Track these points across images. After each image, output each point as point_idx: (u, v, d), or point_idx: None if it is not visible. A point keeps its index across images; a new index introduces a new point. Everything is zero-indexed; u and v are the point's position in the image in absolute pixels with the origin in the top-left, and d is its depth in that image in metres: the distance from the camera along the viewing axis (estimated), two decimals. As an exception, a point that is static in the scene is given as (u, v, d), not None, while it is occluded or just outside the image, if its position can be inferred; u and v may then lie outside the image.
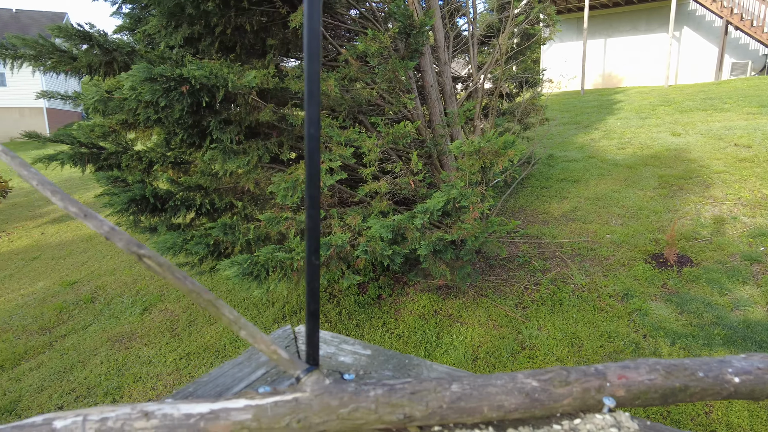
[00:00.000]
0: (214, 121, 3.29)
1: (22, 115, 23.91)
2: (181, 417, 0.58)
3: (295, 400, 0.61)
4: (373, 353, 0.87)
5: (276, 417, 0.60)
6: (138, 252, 0.58)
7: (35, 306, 6.18)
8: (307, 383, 0.63)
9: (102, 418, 0.56)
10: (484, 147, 3.58)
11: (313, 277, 0.65)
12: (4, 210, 11.27)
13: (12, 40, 3.39)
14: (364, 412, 0.61)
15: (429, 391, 0.63)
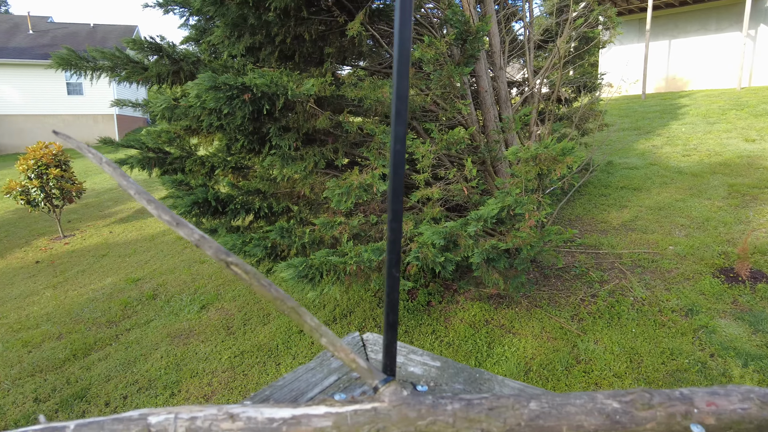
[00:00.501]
0: (274, 128, 3.40)
1: (96, 122, 25.61)
2: (265, 421, 0.61)
3: (374, 409, 0.62)
4: (442, 365, 0.87)
5: (355, 425, 0.61)
6: (226, 260, 0.61)
7: (103, 300, 6.58)
8: (385, 393, 0.64)
9: (191, 417, 0.60)
10: (542, 153, 3.50)
11: (393, 288, 0.66)
12: (77, 210, 12.10)
13: (92, 53, 3.64)
14: (441, 426, 0.61)
15: (507, 408, 0.62)
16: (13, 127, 24.65)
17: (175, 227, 0.60)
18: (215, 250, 0.60)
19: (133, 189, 0.60)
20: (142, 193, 0.60)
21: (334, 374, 0.85)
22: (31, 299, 6.99)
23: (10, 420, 4.31)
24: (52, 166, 9.23)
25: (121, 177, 0.59)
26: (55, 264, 8.44)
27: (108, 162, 0.61)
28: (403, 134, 0.58)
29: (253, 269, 0.65)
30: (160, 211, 0.59)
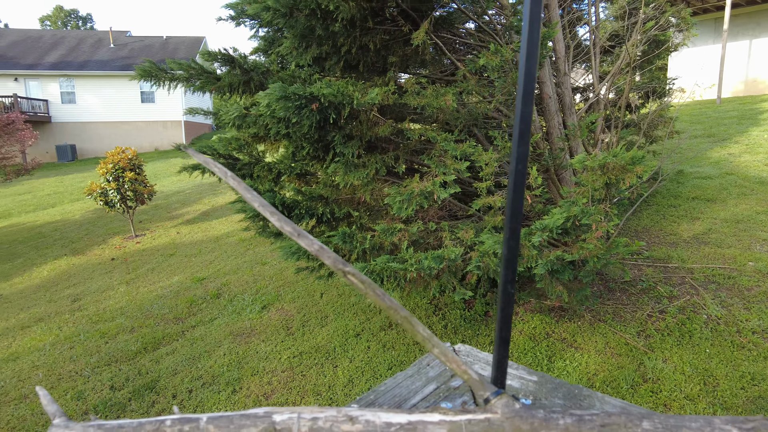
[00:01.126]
0: (338, 136, 3.48)
1: (165, 128, 27.18)
2: (383, 425, 0.64)
3: (487, 420, 0.64)
4: (539, 380, 0.87)
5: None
6: (343, 269, 0.64)
7: (171, 297, 6.95)
8: (497, 405, 0.66)
9: (313, 418, 0.64)
10: (610, 162, 3.38)
11: (507, 304, 0.67)
12: (148, 211, 12.86)
13: (170, 65, 3.88)
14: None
15: (620, 426, 0.62)
16: (93, 133, 26.60)
17: (296, 238, 0.64)
18: (333, 259, 0.64)
19: (257, 202, 0.65)
20: (265, 205, 0.64)
21: (433, 383, 0.87)
22: (107, 293, 7.50)
23: (90, 404, 4.63)
24: (128, 169, 9.88)
25: (245, 191, 0.64)
26: (128, 261, 9.01)
27: (233, 176, 0.66)
28: (525, 155, 0.59)
29: (368, 279, 0.68)
30: (283, 223, 0.63)
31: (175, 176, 17.16)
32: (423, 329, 0.70)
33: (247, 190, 0.63)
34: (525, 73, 0.55)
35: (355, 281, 0.66)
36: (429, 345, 0.71)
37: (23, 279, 8.93)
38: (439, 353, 0.71)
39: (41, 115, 25.63)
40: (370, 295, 0.68)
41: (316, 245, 0.64)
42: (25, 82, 26.23)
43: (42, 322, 6.74)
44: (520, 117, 0.57)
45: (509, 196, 0.62)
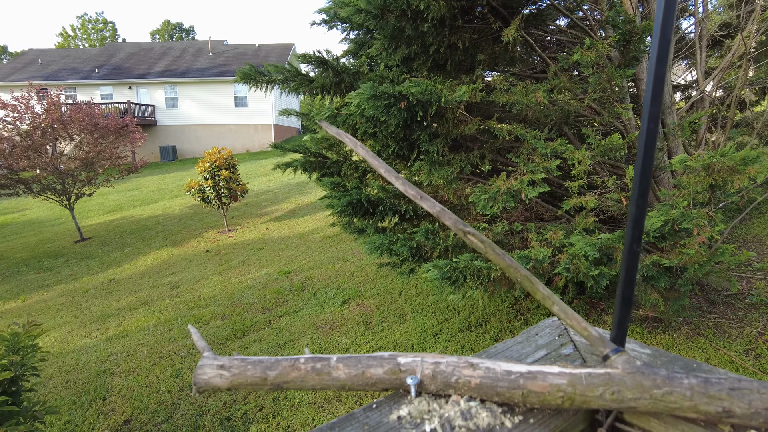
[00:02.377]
0: (424, 134, 3.52)
1: (257, 130, 28.81)
2: (503, 372, 0.67)
3: (608, 374, 0.65)
4: (652, 353, 0.86)
5: (590, 386, 0.65)
6: (464, 230, 0.68)
7: (259, 288, 7.36)
8: (618, 362, 0.67)
9: (435, 362, 0.69)
10: (717, 162, 3.12)
11: (632, 265, 0.68)
12: (240, 208, 13.70)
13: (268, 68, 4.13)
14: (678, 397, 0.62)
15: (752, 391, 0.60)
16: (192, 135, 28.80)
17: (419, 201, 0.69)
18: (454, 221, 0.67)
19: (383, 168, 0.71)
20: (390, 171, 0.69)
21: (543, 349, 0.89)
22: (201, 283, 8.10)
23: (186, 382, 5.03)
24: (223, 168, 10.59)
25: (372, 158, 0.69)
26: (221, 254, 9.66)
27: (362, 146, 0.72)
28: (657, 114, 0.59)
29: (488, 240, 0.71)
30: (407, 187, 0.68)
31: (264, 176, 18.13)
32: (543, 288, 0.72)
33: (374, 157, 0.68)
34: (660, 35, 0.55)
35: (475, 240, 0.69)
36: (549, 302, 0.73)
37: (131, 266, 9.88)
38: (558, 310, 0.73)
39: (149, 119, 28.21)
40: (489, 254, 0.71)
41: (437, 207, 0.68)
42: (137, 90, 29.03)
43: (146, 305, 7.41)
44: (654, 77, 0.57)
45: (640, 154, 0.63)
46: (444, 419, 0.66)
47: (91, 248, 11.77)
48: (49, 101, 12.44)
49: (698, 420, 0.64)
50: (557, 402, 0.66)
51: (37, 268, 10.65)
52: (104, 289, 8.61)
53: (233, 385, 0.75)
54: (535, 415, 0.68)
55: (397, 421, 0.67)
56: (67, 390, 5.25)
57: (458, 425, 0.65)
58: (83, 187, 12.56)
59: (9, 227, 15.82)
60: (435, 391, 0.72)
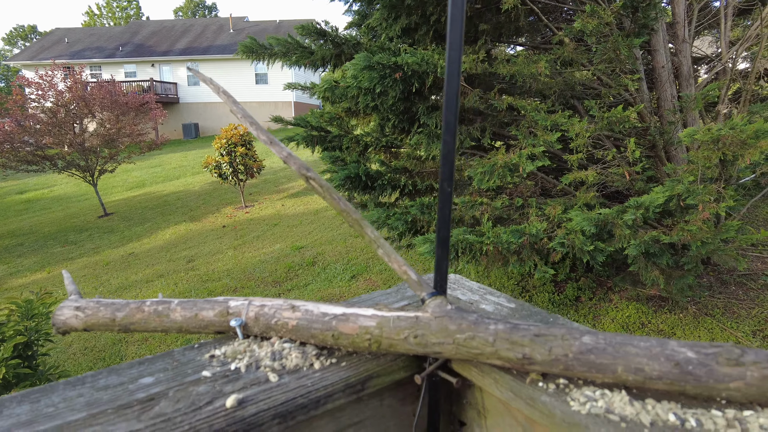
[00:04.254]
0: (422, 107, 3.46)
1: (277, 108, 28.87)
2: (319, 314, 0.68)
3: (416, 317, 0.65)
4: (517, 307, 0.85)
5: (396, 329, 0.65)
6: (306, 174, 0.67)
7: (272, 263, 7.46)
8: (430, 305, 0.66)
9: (261, 305, 0.70)
10: (726, 135, 2.99)
11: (445, 204, 0.66)
12: (257, 184, 13.83)
13: (270, 41, 4.10)
14: (480, 342, 0.60)
15: (556, 337, 0.58)
16: (213, 113, 29.04)
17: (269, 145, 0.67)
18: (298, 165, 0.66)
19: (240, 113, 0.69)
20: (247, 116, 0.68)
21: (406, 300, 0.90)
22: (216, 257, 8.25)
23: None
24: (239, 144, 10.67)
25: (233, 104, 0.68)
26: (237, 229, 9.80)
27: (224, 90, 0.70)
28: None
29: (327, 183, 0.70)
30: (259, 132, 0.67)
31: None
32: (372, 231, 0.71)
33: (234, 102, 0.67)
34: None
35: (315, 185, 0.68)
36: (374, 245, 0.73)
37: (150, 240, 10.13)
38: (383, 253, 0.72)
39: (171, 97, 28.52)
40: (327, 198, 0.70)
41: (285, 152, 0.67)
42: (159, 68, 29.30)
43: (162, 278, 7.61)
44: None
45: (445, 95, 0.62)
46: (253, 359, 0.67)
47: (113, 223, 12.10)
48: (72, 79, 12.67)
49: (511, 368, 0.62)
50: (365, 345, 0.66)
51: (62, 242, 11.02)
52: (123, 262, 8.86)
53: (87, 325, 0.77)
54: (351, 358, 0.68)
55: (208, 359, 0.68)
56: (85, 356, 5.46)
57: (265, 365, 0.66)
58: (105, 164, 12.84)
59: (38, 202, 16.35)
60: (259, 334, 0.73)
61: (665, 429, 0.51)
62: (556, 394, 0.58)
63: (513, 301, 0.88)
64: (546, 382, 0.60)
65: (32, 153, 11.86)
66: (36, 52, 30.08)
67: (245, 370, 0.65)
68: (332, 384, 0.63)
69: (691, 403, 0.55)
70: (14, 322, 3.70)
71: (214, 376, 0.64)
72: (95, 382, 0.63)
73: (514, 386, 0.61)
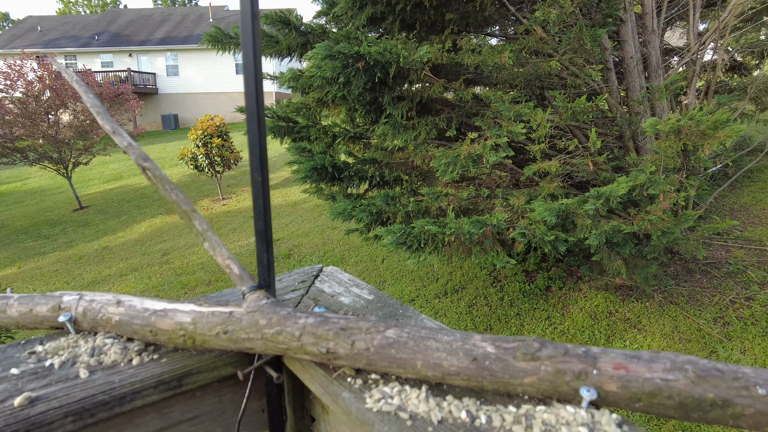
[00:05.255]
0: (388, 96, 3.42)
1: (257, 98, 28.52)
2: (141, 309, 0.67)
3: (230, 313, 0.63)
4: (374, 299, 0.85)
5: (209, 325, 0.63)
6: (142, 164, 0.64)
7: (247, 256, 7.39)
8: (247, 300, 0.65)
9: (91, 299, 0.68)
10: (686, 126, 3.01)
11: (258, 195, 0.66)
12: (235, 176, 13.67)
13: (234, 29, 4.01)
14: (287, 337, 0.59)
15: (360, 331, 0.57)
16: (193, 103, 28.59)
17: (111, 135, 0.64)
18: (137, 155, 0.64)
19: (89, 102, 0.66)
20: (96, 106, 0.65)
21: None
22: (191, 250, 8.15)
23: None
24: (215, 136, 10.51)
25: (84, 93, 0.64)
26: (213, 222, 9.69)
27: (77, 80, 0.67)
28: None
29: (162, 174, 0.68)
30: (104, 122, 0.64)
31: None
32: (200, 224, 0.71)
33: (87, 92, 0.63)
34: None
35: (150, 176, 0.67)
36: (201, 239, 0.72)
37: (125, 233, 9.96)
38: (208, 246, 0.73)
39: (150, 87, 27.96)
40: (160, 189, 0.68)
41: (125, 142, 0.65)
42: (137, 57, 28.68)
43: (136, 271, 7.49)
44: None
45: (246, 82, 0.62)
46: (72, 355, 0.65)
47: (88, 216, 11.87)
48: (42, 69, 12.33)
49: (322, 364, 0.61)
50: (180, 341, 0.65)
51: (35, 236, 10.78)
52: (97, 256, 8.71)
53: None
54: (174, 354, 0.67)
55: (27, 356, 0.66)
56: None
57: (81, 361, 0.64)
58: (80, 156, 12.56)
59: (11, 196, 15.97)
60: (88, 329, 0.71)
61: (454, 426, 0.50)
62: (360, 391, 0.57)
63: (374, 293, 0.87)
64: (357, 378, 0.59)
65: (2, 145, 11.55)
66: (7, 40, 29.23)
67: (59, 366, 0.63)
68: (141, 380, 0.61)
69: (492, 399, 0.54)
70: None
71: (22, 374, 0.62)
72: None
73: (324, 382, 0.60)
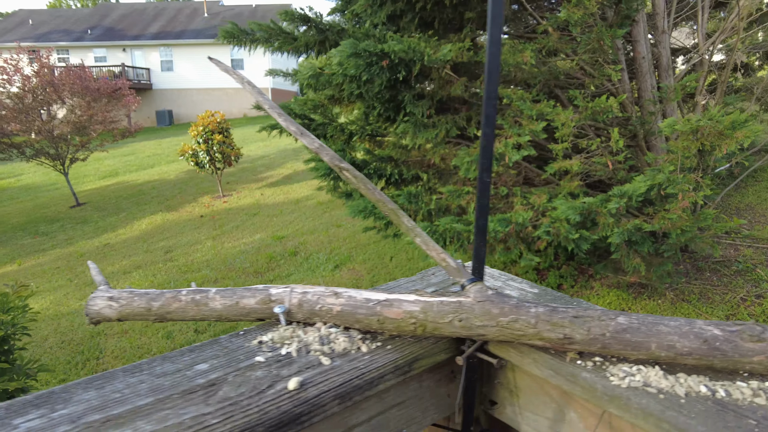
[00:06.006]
0: (408, 95, 3.44)
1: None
2: (363, 300, 0.70)
3: (459, 302, 0.67)
4: (540, 292, 0.89)
5: (441, 313, 0.67)
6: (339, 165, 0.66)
7: (252, 253, 7.38)
8: (471, 291, 0.69)
9: (303, 291, 0.70)
10: (705, 126, 3.05)
11: (483, 194, 0.70)
12: (235, 173, 13.62)
13: (251, 26, 4.00)
14: (523, 324, 0.64)
15: (593, 318, 0.62)
16: (188, 99, 28.40)
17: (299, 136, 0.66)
18: (331, 156, 0.66)
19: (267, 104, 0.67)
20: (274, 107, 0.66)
21: (433, 287, 0.91)
22: (195, 247, 8.12)
23: (177, 344, 5.11)
24: (216, 132, 10.47)
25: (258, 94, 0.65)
26: (215, 219, 9.65)
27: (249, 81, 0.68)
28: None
29: (360, 175, 0.70)
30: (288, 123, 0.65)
31: (261, 141, 17.96)
32: (408, 220, 0.74)
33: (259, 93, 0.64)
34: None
35: (349, 176, 0.68)
36: (412, 234, 0.75)
37: (126, 231, 9.90)
38: (420, 242, 0.75)
39: (144, 83, 27.74)
40: (361, 189, 0.70)
41: (316, 143, 0.66)
42: (131, 52, 28.42)
43: (140, 269, 7.46)
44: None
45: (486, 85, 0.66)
46: (302, 343, 0.69)
47: (86, 213, 11.77)
48: (39, 63, 12.19)
49: (548, 348, 0.66)
50: (410, 328, 0.68)
51: (33, 233, 10.68)
52: (99, 253, 8.65)
53: (122, 315, 0.76)
54: (395, 342, 0.71)
55: (257, 345, 0.70)
56: (63, 350, 5.33)
57: (314, 349, 0.68)
58: (77, 152, 12.45)
59: (5, 192, 15.79)
60: (302, 320, 0.74)
61: (698, 399, 0.56)
62: (595, 371, 0.63)
63: (535, 287, 0.91)
64: (583, 360, 0.65)
65: (-2, 140, 11.42)
66: (-2, 34, 28.84)
67: (296, 354, 0.67)
68: (383, 366, 0.66)
69: (717, 376, 0.60)
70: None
71: (268, 361, 0.66)
72: (152, 369, 0.65)
73: (554, 364, 0.65)
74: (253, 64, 27.46)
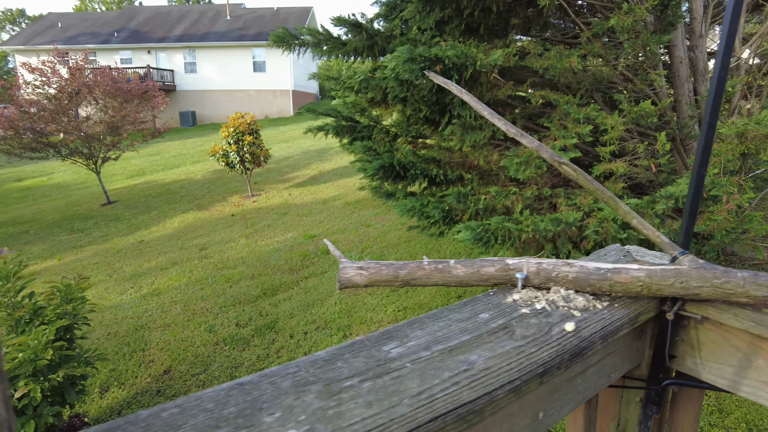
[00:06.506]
0: (457, 98, 3.57)
1: (275, 96, 28.77)
2: (593, 268, 0.83)
3: (677, 269, 0.82)
4: None
5: (664, 277, 0.81)
6: (559, 161, 0.80)
7: (286, 251, 7.57)
8: (684, 261, 0.83)
9: (538, 262, 0.84)
10: (751, 130, 3.14)
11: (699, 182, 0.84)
12: (263, 173, 13.87)
13: (301, 31, 4.17)
14: (733, 285, 0.77)
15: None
16: (211, 101, 28.88)
17: (519, 137, 0.79)
18: (550, 154, 0.79)
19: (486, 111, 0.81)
20: (494, 114, 0.80)
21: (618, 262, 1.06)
22: (229, 245, 8.34)
23: (220, 337, 5.29)
24: (247, 133, 10.71)
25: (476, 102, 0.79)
26: (246, 218, 9.88)
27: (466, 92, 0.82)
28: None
29: (579, 169, 0.83)
30: (508, 126, 0.79)
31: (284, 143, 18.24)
32: (623, 206, 0.86)
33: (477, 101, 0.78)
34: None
35: (568, 170, 0.81)
36: (629, 217, 0.88)
37: (159, 228, 10.18)
38: (637, 223, 0.88)
39: (168, 84, 28.28)
40: (581, 180, 0.83)
41: (535, 143, 0.79)
42: (156, 54, 29.02)
43: (176, 265, 7.69)
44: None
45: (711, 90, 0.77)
46: (549, 302, 0.81)
47: (118, 211, 12.11)
48: (75, 65, 12.58)
49: (747, 304, 0.78)
50: (637, 290, 0.81)
51: (68, 230, 11.03)
52: (135, 249, 8.92)
53: (370, 281, 0.89)
54: (619, 301, 0.84)
55: (513, 302, 0.82)
56: (109, 342, 5.56)
57: (561, 305, 0.80)
58: (108, 151, 12.81)
59: (38, 190, 16.28)
60: (537, 285, 0.87)
61: None
62: None
63: None
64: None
65: (36, 140, 11.81)
66: (29, 37, 29.65)
67: (549, 308, 0.80)
68: (621, 318, 0.79)
69: None
70: (54, 306, 3.79)
71: (532, 313, 0.78)
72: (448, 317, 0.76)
73: (755, 317, 0.78)
74: (273, 67, 27.85)
